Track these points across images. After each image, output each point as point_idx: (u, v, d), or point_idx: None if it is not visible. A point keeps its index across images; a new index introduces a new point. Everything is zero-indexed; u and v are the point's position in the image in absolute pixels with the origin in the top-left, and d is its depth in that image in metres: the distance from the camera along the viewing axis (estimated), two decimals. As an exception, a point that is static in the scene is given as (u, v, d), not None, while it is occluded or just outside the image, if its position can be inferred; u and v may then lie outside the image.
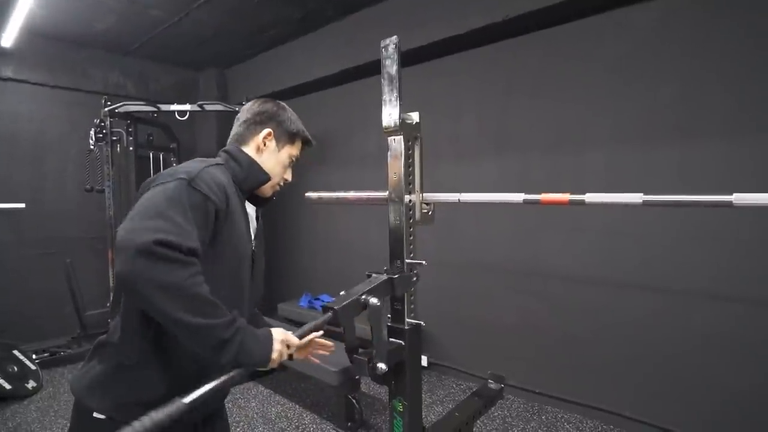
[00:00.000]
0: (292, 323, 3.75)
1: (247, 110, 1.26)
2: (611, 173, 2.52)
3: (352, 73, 3.68)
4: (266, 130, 1.22)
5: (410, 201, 1.39)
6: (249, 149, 1.22)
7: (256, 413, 2.86)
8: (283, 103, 1.29)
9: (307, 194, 1.82)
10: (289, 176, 1.29)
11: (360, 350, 1.27)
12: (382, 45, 1.33)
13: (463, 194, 1.39)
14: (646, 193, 1.02)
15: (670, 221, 2.32)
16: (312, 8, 3.43)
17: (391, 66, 1.32)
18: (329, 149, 4.23)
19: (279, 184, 1.28)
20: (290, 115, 1.27)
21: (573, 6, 2.48)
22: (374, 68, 3.40)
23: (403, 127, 1.34)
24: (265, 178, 1.20)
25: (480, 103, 3.10)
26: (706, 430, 2.25)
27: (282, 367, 3.25)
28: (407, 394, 1.37)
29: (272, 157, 1.23)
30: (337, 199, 1.74)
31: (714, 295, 2.24)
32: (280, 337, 1.03)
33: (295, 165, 1.30)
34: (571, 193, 1.16)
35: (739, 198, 0.92)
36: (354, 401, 2.58)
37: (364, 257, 3.94)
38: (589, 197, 1.12)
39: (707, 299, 2.26)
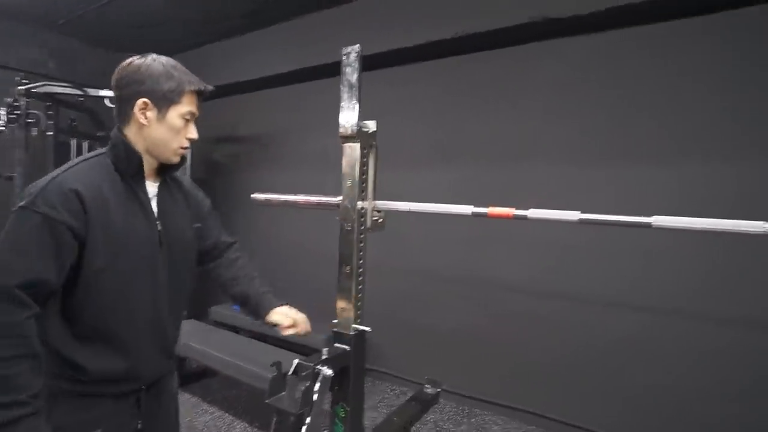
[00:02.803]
0: (226, 327, 3.60)
1: (113, 84, 1.11)
2: (551, 189, 2.70)
3: (303, 74, 3.64)
4: (139, 102, 1.07)
5: (362, 208, 1.40)
6: (131, 129, 1.11)
7: (182, 424, 2.70)
8: (148, 57, 1.11)
9: (253, 195, 1.76)
10: (192, 134, 1.16)
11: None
12: (343, 52, 1.34)
13: (414, 204, 1.43)
14: (582, 211, 1.11)
15: (599, 236, 2.53)
16: (263, 4, 3.36)
17: (351, 74, 1.33)
18: (277, 149, 4.14)
19: (183, 147, 1.16)
20: (161, 69, 1.09)
21: (516, 33, 2.65)
22: (326, 71, 3.40)
23: (360, 135, 1.35)
24: (138, 159, 1.10)
25: (428, 114, 3.20)
26: (623, 428, 2.47)
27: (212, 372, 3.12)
28: (350, 400, 1.37)
29: (159, 127, 1.10)
30: (287, 202, 1.71)
31: (632, 304, 2.48)
32: None
33: (198, 122, 1.17)
34: (516, 208, 1.23)
35: (657, 220, 1.04)
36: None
37: (306, 259, 3.90)
38: (532, 213, 1.21)
39: (627, 308, 2.50)
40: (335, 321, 1.42)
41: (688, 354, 2.33)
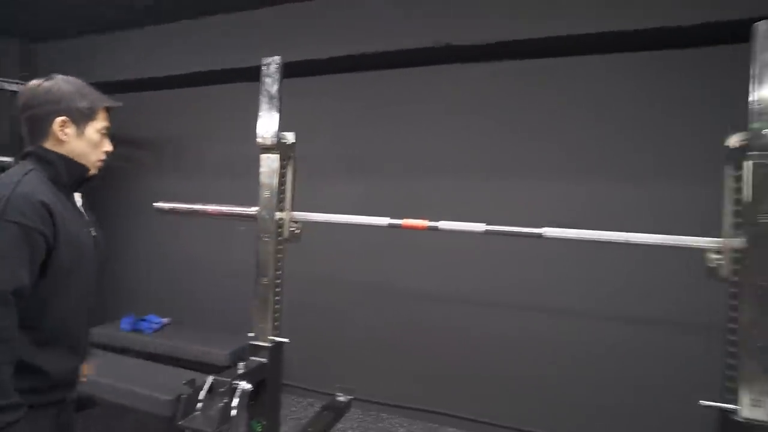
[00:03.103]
0: (114, 350, 3.20)
1: (22, 104, 1.14)
2: (456, 201, 2.87)
3: (212, 77, 3.46)
4: (58, 120, 1.11)
5: (280, 219, 1.40)
6: (50, 144, 1.13)
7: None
8: (56, 78, 1.16)
9: (156, 205, 1.65)
10: (108, 147, 1.23)
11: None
12: (263, 62, 1.34)
13: (332, 215, 1.47)
14: (488, 223, 1.25)
15: (499, 245, 2.76)
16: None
17: (271, 85, 1.33)
18: (181, 155, 3.86)
19: (101, 159, 1.22)
20: (73, 88, 1.16)
21: (423, 54, 2.84)
22: (232, 76, 3.30)
23: (279, 146, 1.35)
24: (86, 169, 1.18)
25: (343, 127, 3.23)
26: (519, 420, 2.74)
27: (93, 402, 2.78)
28: (268, 414, 1.35)
29: (79, 142, 1.16)
30: (195, 211, 1.62)
31: (530, 306, 2.76)
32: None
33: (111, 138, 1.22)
34: (429, 220, 1.34)
35: (546, 231, 1.22)
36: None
37: (204, 273, 3.68)
38: (442, 224, 1.32)
39: (524, 309, 2.77)
40: (251, 334, 1.39)
41: (579, 349, 2.65)
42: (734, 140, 1.03)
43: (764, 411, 0.94)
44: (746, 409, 0.96)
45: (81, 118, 1.14)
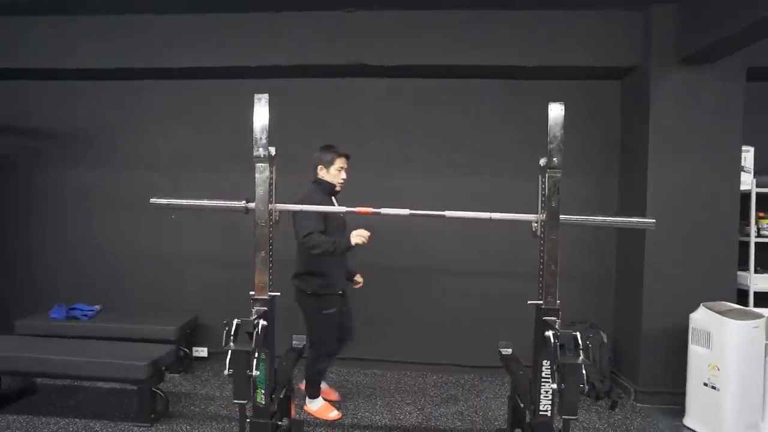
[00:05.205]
0: (48, 337, 3.27)
1: (315, 159, 2.76)
2: (391, 193, 3.60)
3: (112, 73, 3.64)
4: (319, 167, 2.73)
5: (271, 209, 1.96)
6: (320, 177, 2.73)
7: (26, 438, 2.58)
8: (321, 150, 2.73)
9: (153, 200, 2.05)
10: (343, 176, 2.75)
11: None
12: (256, 97, 1.87)
13: (303, 206, 2.07)
14: (411, 209, 1.99)
15: (412, 223, 3.46)
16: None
17: (263, 114, 1.87)
18: (80, 147, 3.92)
19: (341, 183, 2.75)
20: (324, 151, 2.72)
21: (335, 69, 3.48)
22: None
23: (268, 158, 1.90)
24: (334, 186, 2.74)
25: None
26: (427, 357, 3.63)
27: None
28: (268, 345, 1.93)
29: (329, 175, 2.74)
30: (191, 206, 2.08)
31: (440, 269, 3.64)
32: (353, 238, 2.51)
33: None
34: (373, 208, 2.03)
35: (449, 213, 2.00)
36: (160, 392, 2.75)
37: (124, 261, 3.92)
38: (384, 210, 2.03)
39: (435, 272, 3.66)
40: (252, 292, 1.94)
41: (475, 297, 3.62)
42: (542, 161, 1.91)
43: (554, 300, 1.85)
44: (544, 302, 1.87)
45: (327, 164, 2.70)
